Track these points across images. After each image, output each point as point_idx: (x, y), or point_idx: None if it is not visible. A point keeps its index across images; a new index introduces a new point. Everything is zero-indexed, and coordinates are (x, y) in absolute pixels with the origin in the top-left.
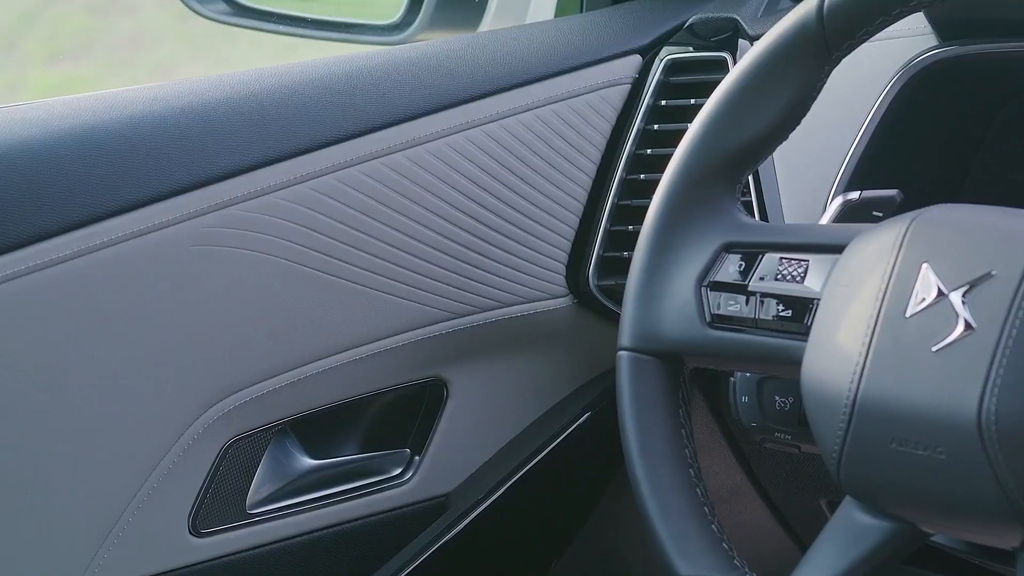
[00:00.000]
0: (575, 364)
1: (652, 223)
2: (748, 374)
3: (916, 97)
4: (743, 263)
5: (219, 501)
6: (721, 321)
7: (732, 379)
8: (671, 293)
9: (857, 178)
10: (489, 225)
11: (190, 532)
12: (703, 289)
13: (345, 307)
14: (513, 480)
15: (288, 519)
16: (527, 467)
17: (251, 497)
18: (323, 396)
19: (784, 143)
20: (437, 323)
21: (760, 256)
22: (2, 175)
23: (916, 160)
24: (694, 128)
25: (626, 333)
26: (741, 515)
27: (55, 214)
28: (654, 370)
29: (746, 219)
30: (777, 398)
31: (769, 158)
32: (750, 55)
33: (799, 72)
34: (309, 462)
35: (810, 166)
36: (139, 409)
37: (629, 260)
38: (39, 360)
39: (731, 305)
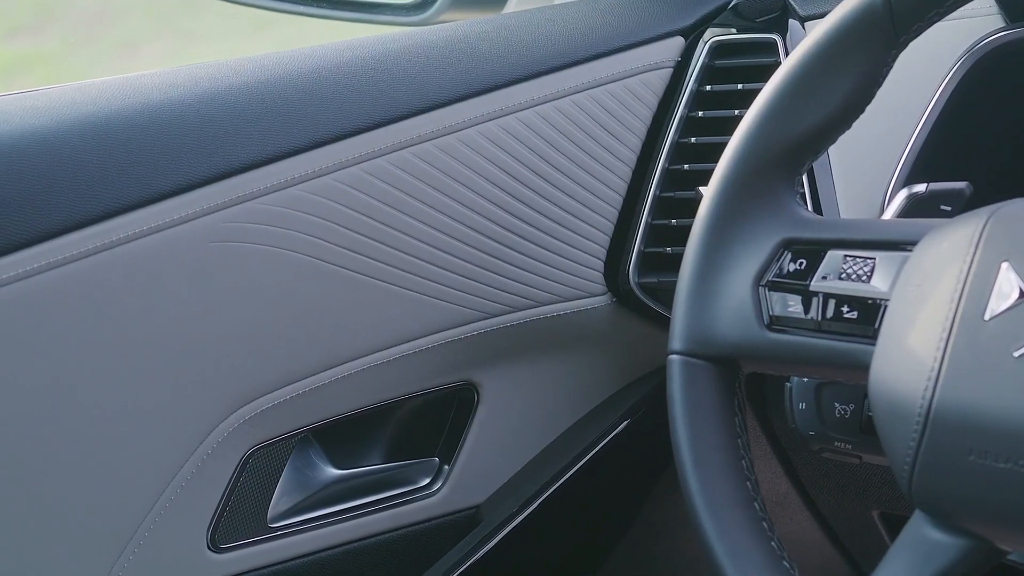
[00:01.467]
0: (613, 367)
1: (705, 218)
2: (806, 379)
3: (982, 82)
4: (804, 261)
5: (239, 514)
6: (780, 323)
7: (788, 384)
8: (726, 293)
9: (919, 170)
10: (523, 219)
11: (209, 547)
12: (760, 289)
13: (372, 307)
14: (548, 492)
15: (311, 533)
16: (563, 478)
17: (272, 510)
18: (348, 402)
19: None
20: (468, 323)
21: (822, 254)
22: (11, 167)
23: (983, 150)
24: (751, 116)
25: (678, 336)
26: (787, 526)
27: (68, 209)
28: (708, 375)
29: (806, 214)
30: (837, 405)
31: None
32: (811, 38)
33: (864, 57)
34: (333, 472)
35: (867, 157)
36: (156, 417)
37: (671, 256)
38: (49, 365)
39: (791, 306)
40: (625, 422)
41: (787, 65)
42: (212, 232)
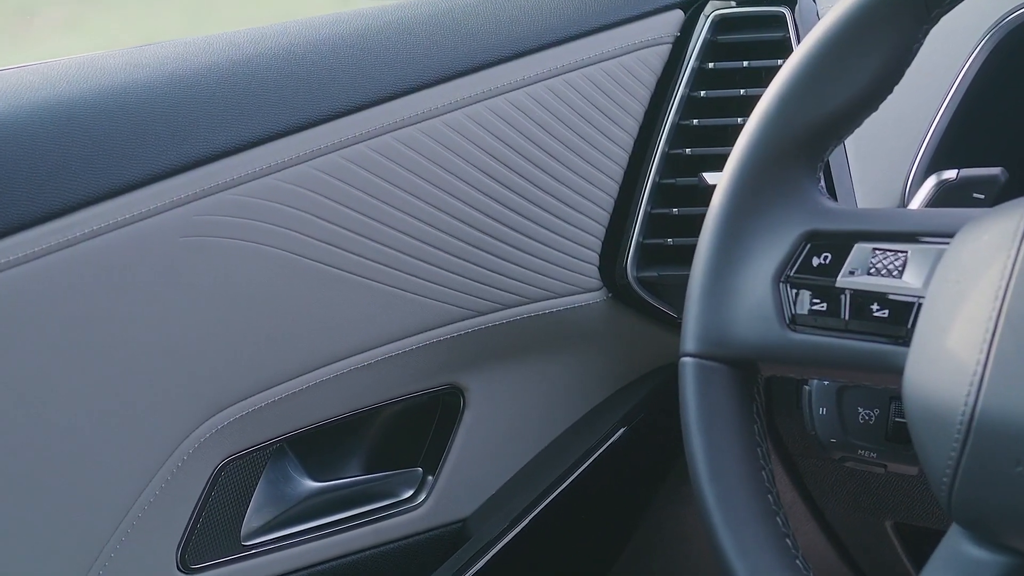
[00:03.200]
0: (609, 368)
1: (720, 209)
2: (826, 382)
3: (1011, 59)
4: (829, 255)
5: (211, 532)
6: (803, 322)
7: (806, 387)
8: (744, 290)
9: (943, 154)
10: (512, 208)
11: (179, 568)
12: (781, 285)
13: (353, 305)
14: (541, 506)
15: (287, 551)
16: (557, 490)
17: (246, 526)
18: (326, 409)
19: None
20: (454, 322)
21: (849, 247)
22: None
23: (1013, 132)
24: (769, 97)
25: (691, 336)
26: None
27: (25, 203)
28: (724, 379)
29: (830, 203)
30: (860, 410)
31: None
32: (835, 12)
33: (893, 32)
34: (310, 485)
35: (885, 140)
36: (121, 428)
37: (672, 248)
38: (5, 371)
39: (815, 304)
40: (622, 429)
41: (809, 41)
42: (182, 226)
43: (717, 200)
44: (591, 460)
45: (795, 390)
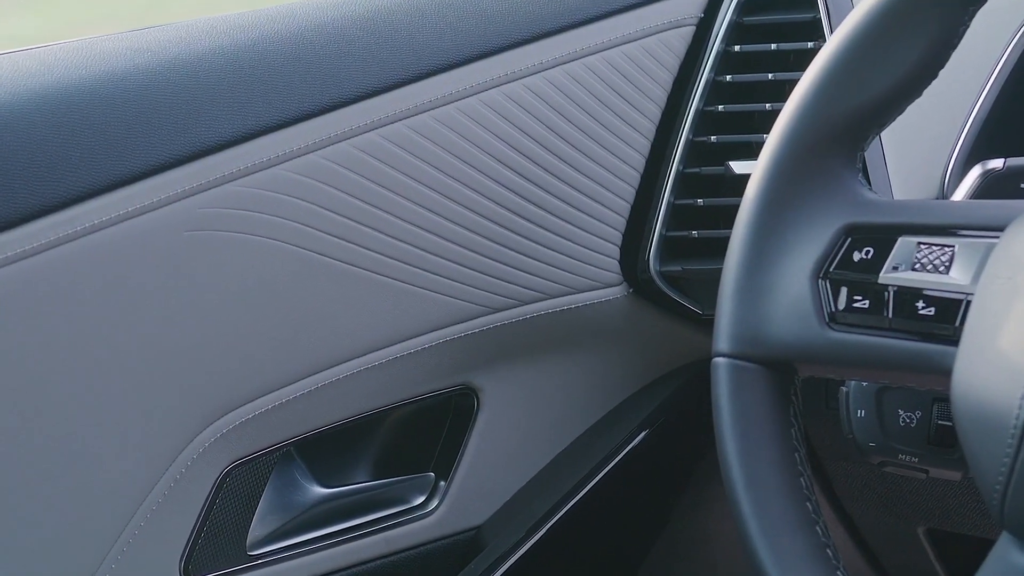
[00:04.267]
0: (630, 367)
1: (755, 201)
2: (864, 383)
3: None
4: (871, 249)
5: (215, 540)
6: (843, 320)
7: (844, 388)
8: (780, 287)
9: (983, 143)
10: (529, 199)
11: None
12: (820, 281)
13: (363, 302)
14: (559, 514)
15: (294, 561)
16: (575, 497)
17: (252, 535)
18: (334, 411)
19: None
20: (468, 320)
21: (892, 241)
22: None
23: None
24: (807, 82)
25: (724, 336)
26: None
27: (25, 195)
28: (760, 380)
29: (871, 195)
30: (901, 412)
31: None
32: None
33: (939, 14)
34: (318, 491)
35: (923, 129)
36: (122, 433)
37: (697, 241)
38: (3, 373)
39: (856, 301)
40: (643, 432)
41: (850, 23)
42: (186, 219)
43: (751, 191)
44: (611, 465)
45: (824, 389)
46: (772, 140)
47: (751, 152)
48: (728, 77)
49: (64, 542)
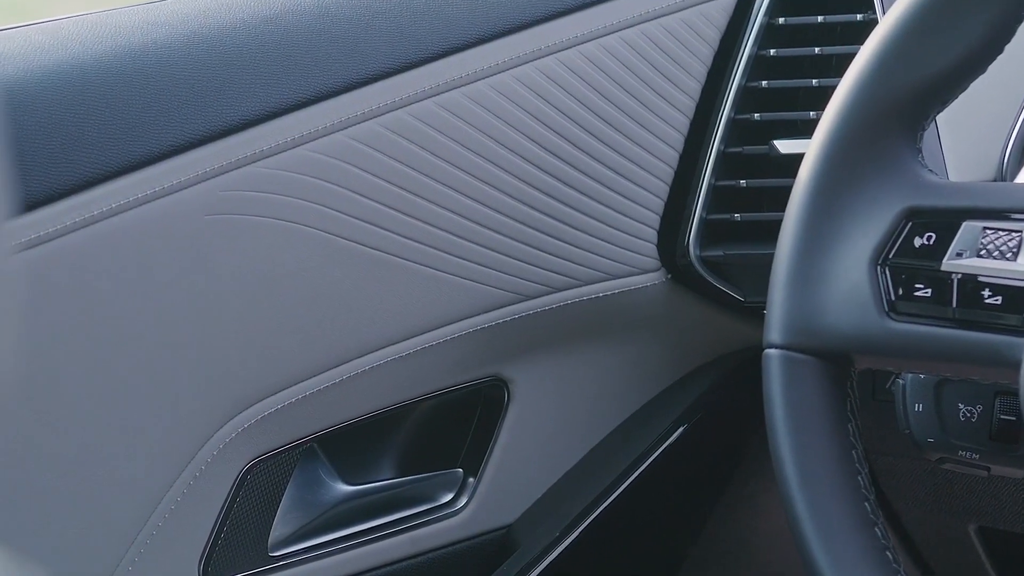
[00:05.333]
0: (668, 357)
1: (809, 183)
2: (922, 375)
3: None
4: (933, 235)
5: (236, 541)
6: (904, 310)
7: (900, 381)
8: (837, 274)
9: None
10: (563, 180)
11: None
12: (879, 268)
13: (391, 290)
14: (593, 513)
15: (317, 563)
16: (611, 496)
17: (273, 535)
18: (360, 404)
19: None
20: (498, 308)
21: (956, 225)
22: None
23: None
24: (866, 56)
25: (777, 326)
26: None
27: (39, 178)
28: (815, 373)
29: (933, 177)
30: (961, 406)
31: None
32: None
33: None
34: (342, 489)
35: (981, 107)
36: (139, 428)
37: (740, 225)
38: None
39: (918, 289)
40: (681, 428)
41: None
42: (206, 203)
43: (805, 173)
44: (648, 462)
45: (871, 381)
46: (827, 118)
47: (796, 130)
48: (772, 51)
49: (80, 542)
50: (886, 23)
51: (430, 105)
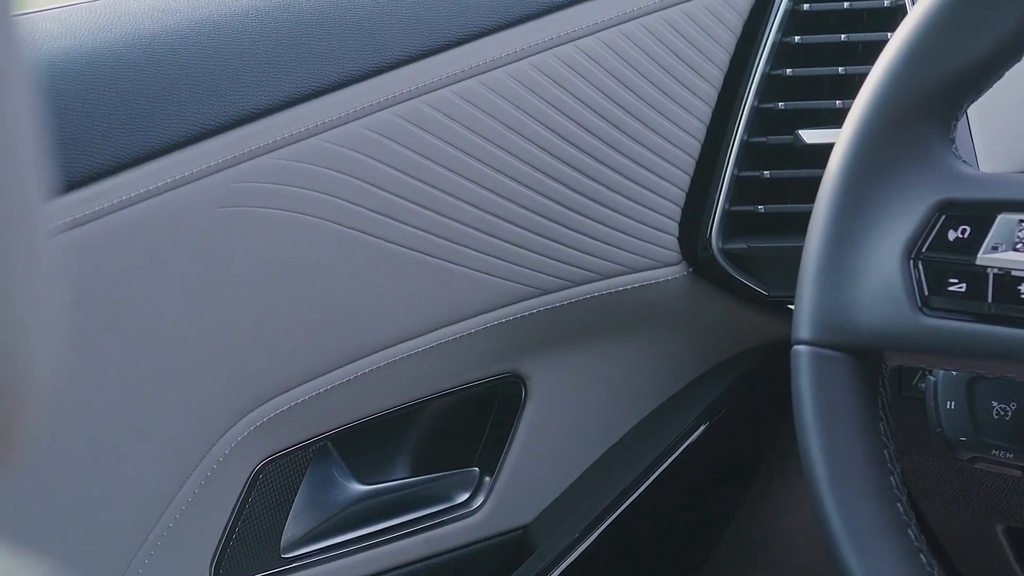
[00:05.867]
0: (689, 352)
1: (839, 174)
2: (954, 372)
3: None
4: (967, 228)
5: (248, 542)
6: (938, 305)
7: (931, 378)
8: (868, 268)
9: None
10: (582, 171)
11: None
12: (912, 263)
13: (407, 283)
14: (614, 514)
15: (331, 564)
16: (632, 496)
17: (286, 536)
18: (375, 401)
19: None
20: (516, 302)
21: (991, 218)
22: None
23: None
24: (897, 45)
25: (806, 322)
26: None
27: (53, 169)
28: (845, 370)
29: (967, 168)
30: (995, 404)
31: None
32: None
33: None
34: (356, 488)
35: (1013, 97)
36: (149, 426)
37: (763, 217)
38: None
39: (953, 284)
40: (703, 426)
41: None
42: (219, 194)
43: (835, 164)
44: (669, 461)
45: (898, 377)
46: (858, 108)
47: (821, 119)
48: (796, 38)
49: (90, 543)
50: (917, 11)
51: (447, 94)
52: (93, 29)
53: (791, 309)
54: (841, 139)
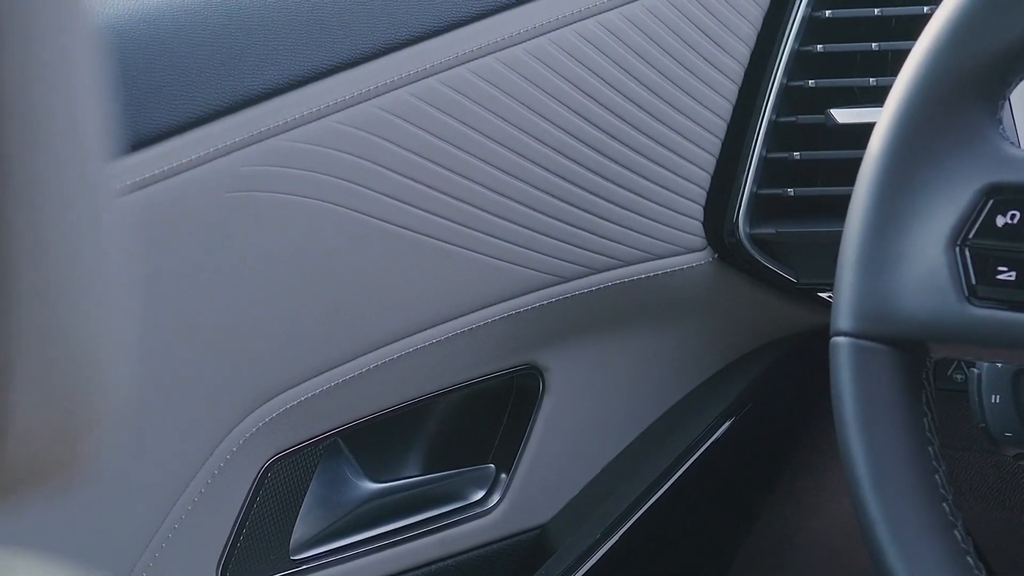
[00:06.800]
0: (714, 342)
1: (881, 157)
2: (999, 364)
3: None
4: (1016, 214)
5: (256, 543)
6: (986, 295)
7: (975, 370)
8: (912, 256)
9: None
10: (604, 152)
11: None
12: (958, 249)
13: (423, 271)
14: (635, 515)
15: (342, 566)
16: (654, 495)
17: (296, 537)
18: (388, 395)
19: None
20: (534, 290)
21: None
22: None
23: None
24: (943, 19)
25: (846, 312)
26: None
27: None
28: (888, 363)
29: (1016, 151)
30: None
31: None
32: None
33: None
34: (367, 487)
35: None
36: (154, 422)
37: (793, 201)
38: None
39: (1001, 273)
40: (728, 422)
41: None
42: (226, 179)
43: (876, 145)
44: (693, 459)
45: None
46: (900, 86)
47: (854, 98)
48: (827, 12)
49: (93, 545)
50: None
51: (463, 72)
52: (93, 5)
53: (821, 297)
54: (882, 119)
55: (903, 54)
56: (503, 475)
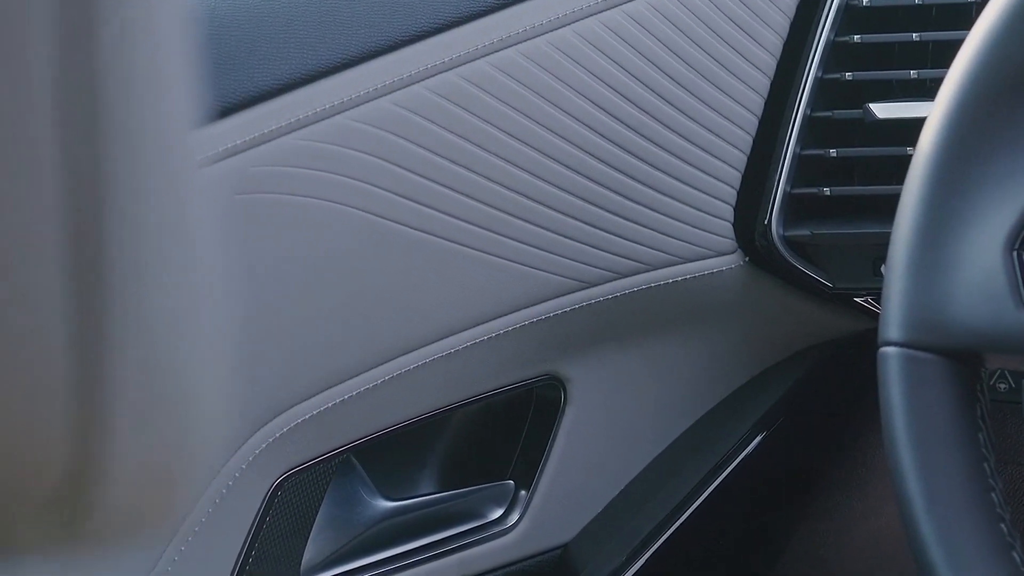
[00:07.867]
0: (745, 351)
1: (932, 156)
2: None
3: None
4: None
5: (266, 564)
6: None
7: None
8: (965, 261)
9: None
10: (629, 150)
11: None
12: (1015, 254)
13: (441, 277)
14: (663, 535)
15: None
16: (682, 515)
17: (307, 557)
18: (404, 408)
19: None
20: (558, 296)
21: None
22: None
23: None
24: (995, 12)
25: (896, 321)
26: None
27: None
28: (941, 374)
29: None
30: None
31: None
32: None
33: None
34: (382, 505)
35: None
36: None
37: (830, 200)
38: None
39: None
40: (759, 436)
41: None
42: (236, 180)
43: (927, 143)
44: (723, 476)
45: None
46: (953, 80)
47: (893, 91)
48: (864, 1)
49: (99, 569)
50: None
51: (483, 65)
52: None
53: (857, 303)
54: (933, 115)
55: (945, 45)
56: (523, 492)
